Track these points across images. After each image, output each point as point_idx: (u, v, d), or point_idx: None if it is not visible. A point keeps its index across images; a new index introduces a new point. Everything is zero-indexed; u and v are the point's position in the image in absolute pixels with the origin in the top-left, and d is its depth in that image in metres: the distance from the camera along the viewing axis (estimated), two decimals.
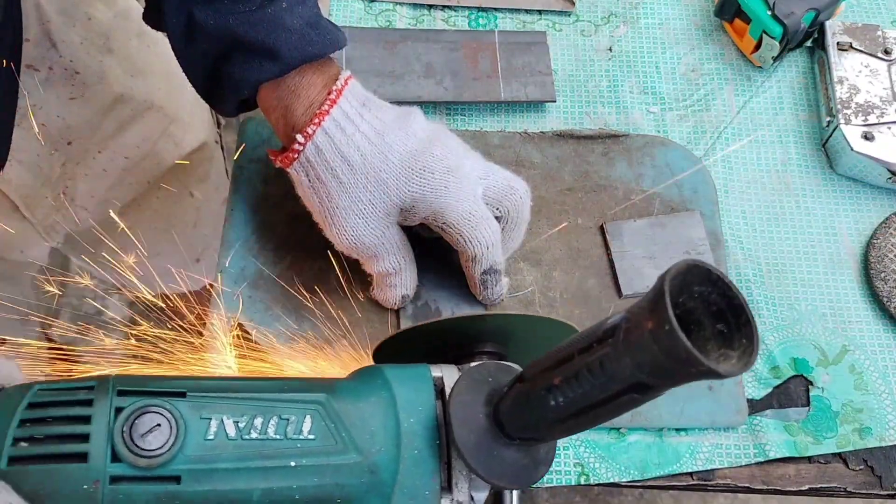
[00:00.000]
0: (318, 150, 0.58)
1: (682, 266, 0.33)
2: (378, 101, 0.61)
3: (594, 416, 0.40)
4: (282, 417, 0.43)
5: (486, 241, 0.60)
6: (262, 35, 0.55)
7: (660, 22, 0.86)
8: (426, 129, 0.61)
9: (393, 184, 0.58)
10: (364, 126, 0.58)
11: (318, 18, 0.58)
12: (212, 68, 0.59)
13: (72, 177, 0.82)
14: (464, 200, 0.59)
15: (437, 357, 0.50)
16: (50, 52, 0.72)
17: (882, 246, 0.73)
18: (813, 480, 0.65)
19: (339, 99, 0.58)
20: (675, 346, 0.32)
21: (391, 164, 0.58)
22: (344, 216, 0.59)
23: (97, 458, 0.40)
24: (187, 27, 0.57)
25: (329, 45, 0.58)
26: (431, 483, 0.45)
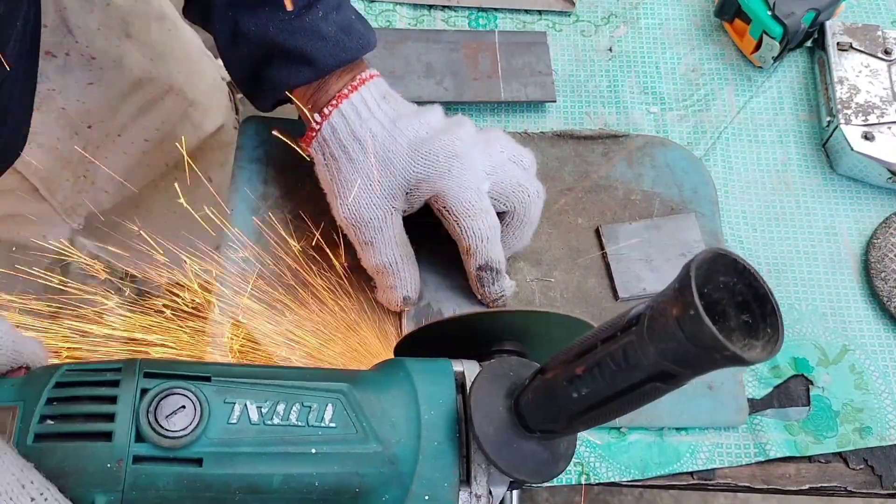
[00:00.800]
0: (333, 130, 0.62)
1: (708, 255, 0.33)
2: (400, 97, 0.65)
3: (616, 407, 0.40)
4: (304, 405, 0.44)
5: (482, 234, 0.61)
6: (300, 43, 0.60)
7: (660, 22, 0.86)
8: (441, 121, 0.64)
9: (399, 164, 0.61)
10: (380, 114, 0.62)
11: (350, 23, 0.63)
12: (253, 70, 0.64)
13: (92, 159, 0.83)
14: (466, 188, 0.61)
15: (459, 353, 0.50)
16: (67, 38, 0.73)
17: (882, 246, 0.73)
18: (813, 480, 0.65)
19: (361, 87, 0.62)
20: (700, 331, 0.32)
21: (400, 146, 0.61)
22: (349, 188, 0.62)
23: (121, 438, 0.40)
24: (232, 33, 0.62)
25: (361, 49, 0.63)
26: (450, 475, 0.45)
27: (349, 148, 0.62)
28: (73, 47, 0.74)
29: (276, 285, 0.67)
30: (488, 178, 0.62)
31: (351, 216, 0.62)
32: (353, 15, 0.64)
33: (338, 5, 0.63)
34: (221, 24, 0.62)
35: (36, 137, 0.74)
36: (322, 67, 0.61)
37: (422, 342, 0.53)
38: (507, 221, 0.64)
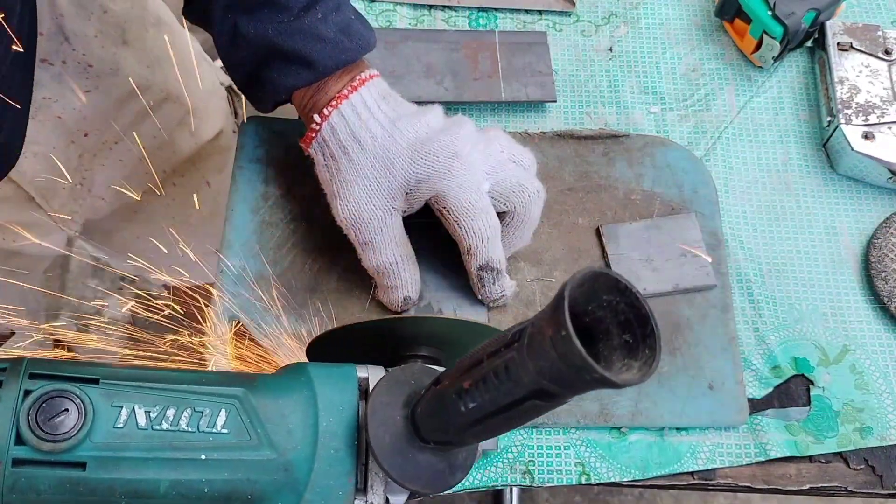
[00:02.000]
0: (333, 130, 0.62)
1: (588, 273, 0.33)
2: (400, 98, 0.65)
3: (501, 422, 0.40)
4: (196, 410, 0.43)
5: (482, 234, 0.61)
6: (299, 45, 0.60)
7: (660, 22, 0.86)
8: (441, 121, 0.64)
9: (399, 164, 0.61)
10: (379, 114, 0.62)
11: (349, 23, 0.63)
12: (253, 72, 0.64)
13: (89, 167, 0.83)
14: (466, 189, 0.61)
15: (374, 358, 0.50)
16: (63, 45, 0.73)
17: (882, 246, 0.73)
18: (814, 480, 0.65)
19: (361, 87, 0.62)
20: (570, 352, 0.32)
21: (399, 146, 0.61)
22: (349, 189, 0.62)
23: (0, 440, 0.40)
24: (232, 35, 0.62)
25: (360, 49, 0.63)
26: (346, 484, 0.44)
27: (349, 148, 0.62)
28: (70, 55, 0.74)
29: (276, 286, 0.67)
30: (488, 178, 0.62)
31: (350, 216, 0.62)
32: (353, 15, 0.64)
33: (337, 6, 0.63)
34: (221, 26, 0.62)
35: (31, 146, 0.74)
36: (321, 69, 0.61)
37: (334, 345, 0.52)
38: (508, 221, 0.64)
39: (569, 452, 0.65)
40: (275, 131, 0.74)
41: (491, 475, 0.63)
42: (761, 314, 0.71)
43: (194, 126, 0.93)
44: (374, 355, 0.50)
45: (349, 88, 0.62)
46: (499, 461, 0.64)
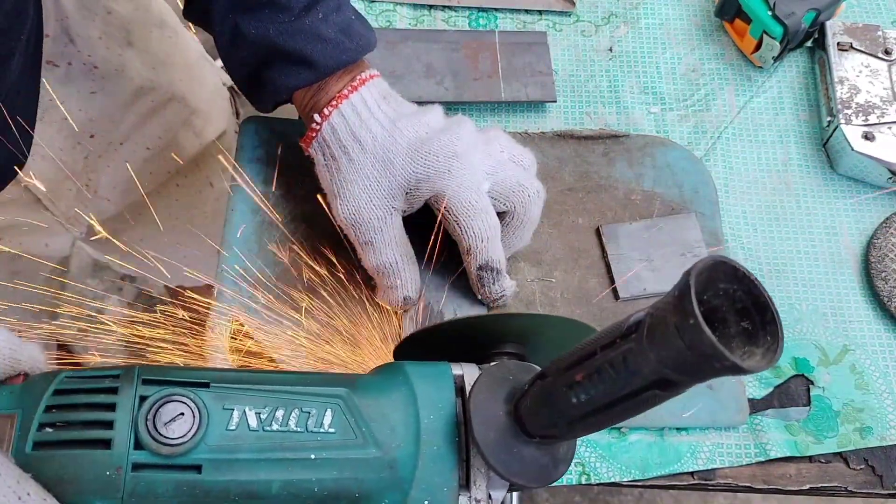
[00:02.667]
0: (333, 130, 0.62)
1: (708, 262, 0.33)
2: (400, 98, 0.65)
3: (616, 414, 0.40)
4: (303, 410, 0.44)
5: (482, 234, 0.61)
6: (300, 45, 0.60)
7: (660, 22, 0.86)
8: (441, 121, 0.64)
9: (399, 164, 0.61)
10: (379, 114, 0.62)
11: (350, 23, 0.63)
12: (254, 72, 0.64)
13: (94, 169, 0.83)
14: (465, 188, 0.61)
15: (458, 356, 0.50)
16: (68, 47, 0.73)
17: (882, 246, 0.73)
18: (814, 480, 0.65)
19: (361, 87, 0.62)
20: (699, 340, 0.32)
21: (399, 146, 0.61)
22: (349, 189, 0.62)
23: (120, 445, 0.40)
24: (232, 35, 0.62)
25: (361, 49, 0.63)
26: (450, 480, 0.45)
27: (349, 148, 0.62)
28: (76, 57, 0.74)
29: (276, 286, 0.67)
30: (488, 178, 0.62)
31: (350, 216, 0.62)
32: (353, 15, 0.64)
33: (338, 6, 0.63)
34: (222, 26, 0.62)
35: (38, 149, 0.74)
36: (322, 69, 0.61)
37: (421, 344, 0.53)
38: (508, 221, 0.64)
39: None
40: (275, 131, 0.74)
41: None
42: None
43: (198, 127, 0.93)
44: (457, 354, 0.50)
45: (349, 88, 0.62)
46: None
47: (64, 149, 0.76)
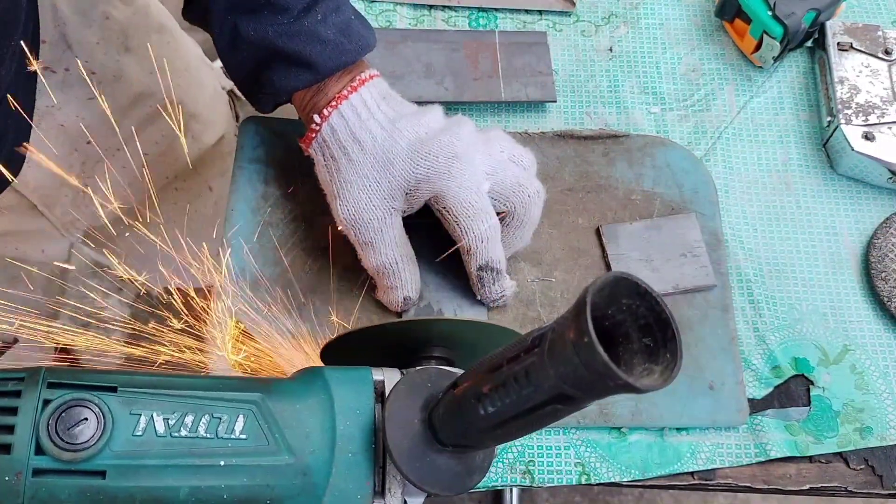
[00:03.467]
0: (333, 131, 0.62)
1: (609, 278, 0.33)
2: (400, 98, 0.65)
3: (521, 426, 0.40)
4: (214, 416, 0.43)
5: (482, 234, 0.61)
6: (299, 47, 0.60)
7: (660, 22, 0.86)
8: (441, 121, 0.64)
9: (399, 164, 0.61)
10: (379, 114, 0.62)
11: (349, 24, 0.63)
12: (253, 74, 0.64)
13: (91, 174, 0.82)
14: (465, 189, 0.61)
15: (387, 360, 0.50)
16: (66, 53, 0.72)
17: (882, 246, 0.73)
18: (814, 480, 0.65)
19: (360, 88, 0.62)
20: (593, 359, 0.32)
21: (399, 147, 0.61)
22: (349, 189, 0.62)
23: (20, 450, 0.40)
24: (232, 36, 0.62)
25: (360, 50, 0.63)
26: (364, 487, 0.44)
27: (349, 149, 0.62)
28: (73, 63, 0.73)
29: (275, 285, 0.67)
30: (488, 179, 0.62)
31: (350, 217, 0.62)
32: (353, 16, 0.64)
33: (336, 7, 0.63)
34: (221, 27, 0.62)
35: (34, 155, 0.73)
36: (321, 71, 0.61)
37: (349, 349, 0.52)
38: (508, 221, 0.64)
39: (569, 452, 0.65)
40: (275, 131, 0.74)
41: (491, 475, 0.63)
42: (761, 314, 0.71)
43: (197, 132, 0.92)
44: (387, 357, 0.50)
45: (349, 89, 0.62)
46: (499, 461, 0.64)
47: (60, 155, 0.76)
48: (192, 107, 0.90)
